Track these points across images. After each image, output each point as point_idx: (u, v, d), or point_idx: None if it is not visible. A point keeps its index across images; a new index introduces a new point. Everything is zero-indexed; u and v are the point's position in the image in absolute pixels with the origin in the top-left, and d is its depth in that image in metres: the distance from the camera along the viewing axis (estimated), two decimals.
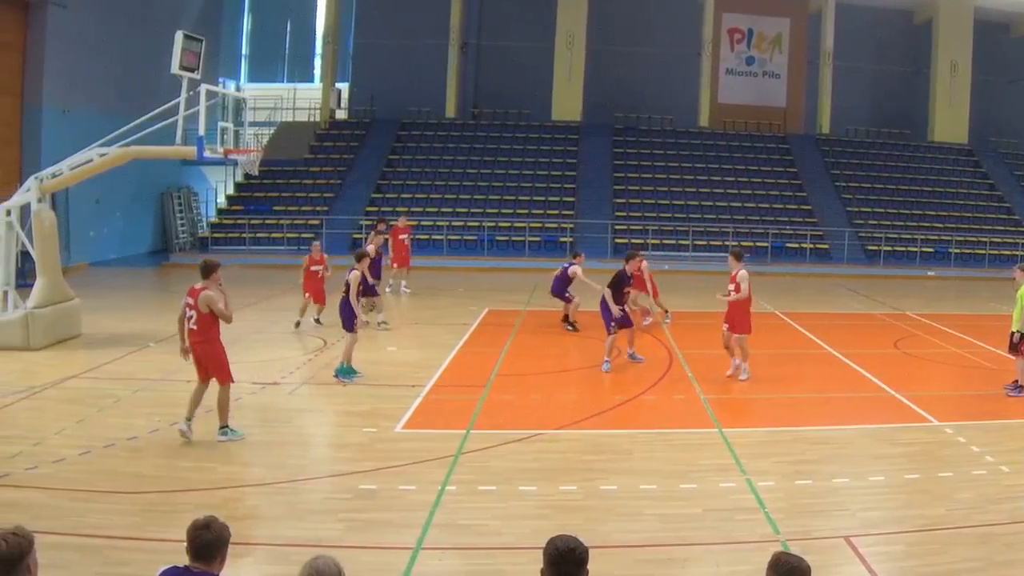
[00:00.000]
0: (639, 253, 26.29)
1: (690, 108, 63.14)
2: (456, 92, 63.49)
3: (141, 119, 27.19)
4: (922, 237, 53.86)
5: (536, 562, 7.10)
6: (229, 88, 57.63)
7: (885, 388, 22.90)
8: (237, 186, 58.44)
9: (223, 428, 17.50)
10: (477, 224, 52.70)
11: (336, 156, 60.06)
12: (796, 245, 53.87)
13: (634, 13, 65.15)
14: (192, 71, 27.31)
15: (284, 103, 68.08)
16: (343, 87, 66.70)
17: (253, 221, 53.15)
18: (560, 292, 31.08)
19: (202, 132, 26.41)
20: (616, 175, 58.97)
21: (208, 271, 17.65)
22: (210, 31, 48.57)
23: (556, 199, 56.26)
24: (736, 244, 50.75)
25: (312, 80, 71.69)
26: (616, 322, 24.14)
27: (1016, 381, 22.24)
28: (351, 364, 23.26)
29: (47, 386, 20.75)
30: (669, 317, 27.69)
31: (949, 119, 63.50)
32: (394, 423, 19.07)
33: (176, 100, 26.65)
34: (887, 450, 17.90)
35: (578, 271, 30.37)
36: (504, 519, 13.84)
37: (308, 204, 55.06)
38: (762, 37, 66.22)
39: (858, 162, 61.20)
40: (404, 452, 16.95)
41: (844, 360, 26.48)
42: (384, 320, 30.37)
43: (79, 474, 15.24)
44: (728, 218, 55.02)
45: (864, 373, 24.67)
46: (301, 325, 29.62)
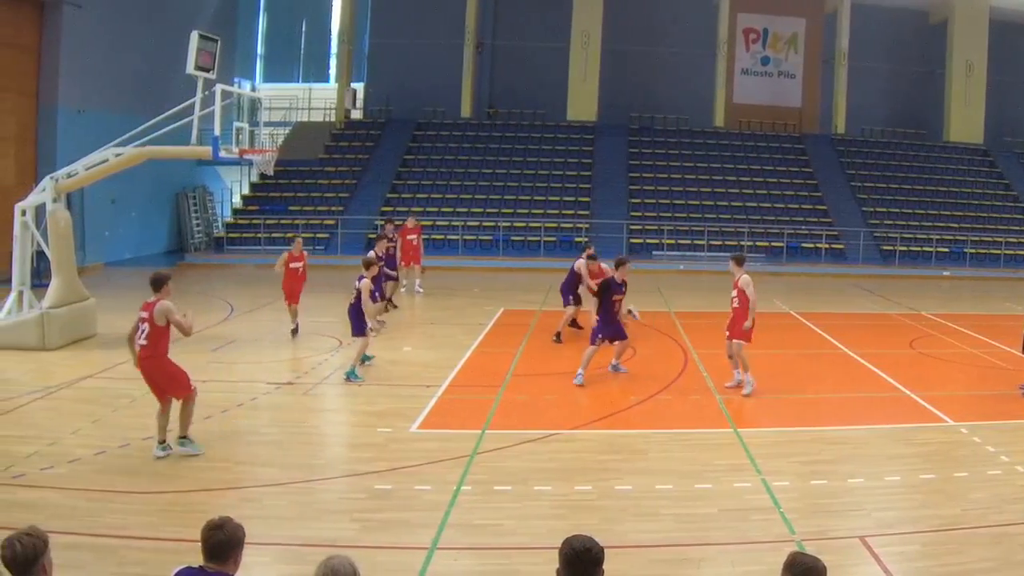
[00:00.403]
0: (629, 259, 24.60)
1: (705, 108, 63.06)
2: (471, 92, 63.46)
3: (156, 119, 27.21)
4: (937, 237, 53.67)
5: (551, 562, 7.11)
6: (244, 88, 57.83)
7: (900, 388, 22.87)
8: (252, 186, 58.45)
9: (182, 439, 16.59)
10: (492, 224, 52.64)
11: (351, 156, 60.01)
12: (811, 245, 53.73)
13: (649, 13, 65.03)
14: (207, 71, 27.31)
15: (299, 103, 68.07)
16: (358, 87, 66.69)
17: (268, 221, 53.09)
18: (565, 292, 29.48)
19: (217, 132, 26.41)
20: (631, 175, 58.88)
21: (159, 283, 17.03)
22: (225, 31, 48.68)
23: (571, 199, 56.20)
24: (739, 245, 50.89)
25: (327, 80, 71.78)
26: (603, 334, 23.16)
27: None
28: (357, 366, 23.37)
29: (62, 386, 20.78)
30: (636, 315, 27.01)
31: (964, 119, 63.34)
32: (409, 423, 19.08)
33: (191, 100, 26.68)
34: (902, 450, 17.88)
35: (582, 265, 28.68)
36: (519, 519, 13.85)
37: (323, 204, 55.04)
38: (777, 37, 66.04)
39: (873, 162, 61.02)
40: (419, 452, 16.96)
41: (859, 360, 26.42)
42: (380, 321, 30.03)
43: (94, 474, 15.26)
44: (743, 218, 54.91)
45: (879, 373, 24.63)
46: (299, 330, 28.66)
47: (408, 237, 37.53)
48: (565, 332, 28.59)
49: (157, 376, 16.58)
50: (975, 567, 12.27)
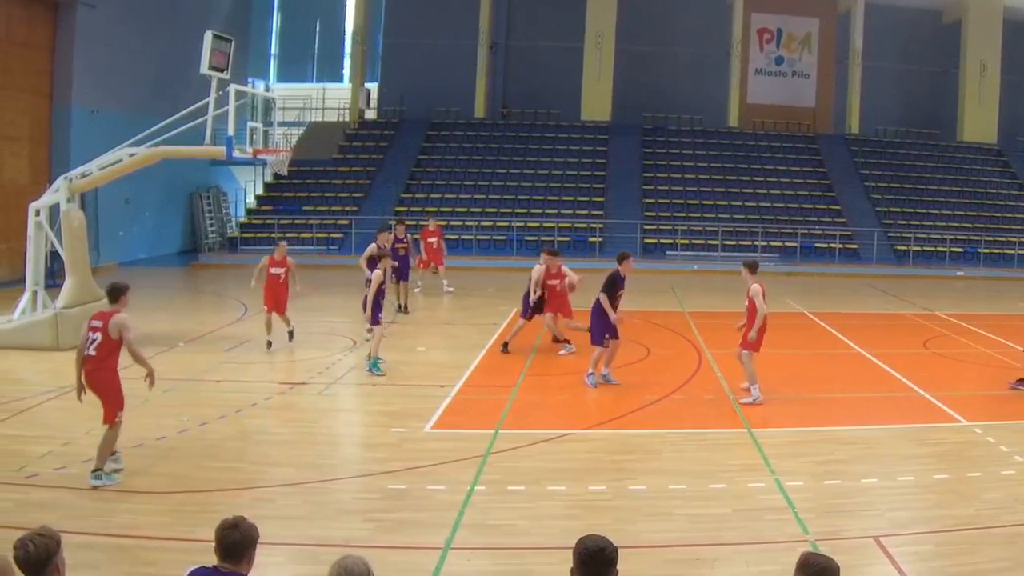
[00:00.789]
0: (631, 255, 23.61)
1: (719, 108, 62.97)
2: (485, 92, 63.44)
3: (170, 119, 27.21)
4: (951, 237, 53.49)
5: (565, 562, 7.10)
6: (258, 88, 57.83)
7: (914, 388, 22.82)
8: (266, 186, 58.46)
9: (96, 471, 14.90)
10: (506, 224, 52.56)
11: (365, 156, 60.02)
12: (825, 245, 53.61)
13: (663, 13, 65.01)
14: (221, 71, 27.31)
15: (313, 103, 68.12)
16: (372, 87, 66.68)
17: (282, 221, 53.05)
18: (525, 301, 27.62)
19: (231, 132, 26.43)
20: (645, 175, 58.80)
21: (117, 294, 15.76)
22: (239, 31, 48.74)
23: (585, 199, 56.11)
24: (765, 245, 50.75)
25: (341, 80, 71.78)
26: (608, 332, 22.59)
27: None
28: (378, 355, 23.53)
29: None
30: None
31: (978, 119, 63.13)
32: (423, 423, 19.09)
33: (205, 100, 26.72)
34: (916, 450, 17.86)
35: (538, 270, 27.31)
36: (533, 519, 13.85)
37: (337, 204, 55.01)
38: (791, 37, 65.96)
39: (887, 162, 60.85)
40: (433, 452, 16.97)
41: (873, 360, 26.36)
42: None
43: None
44: (757, 218, 54.80)
45: (893, 373, 24.58)
46: (273, 345, 26.35)
47: (428, 240, 37.55)
48: (581, 331, 28.19)
49: (102, 389, 15.42)
50: (989, 567, 12.26)
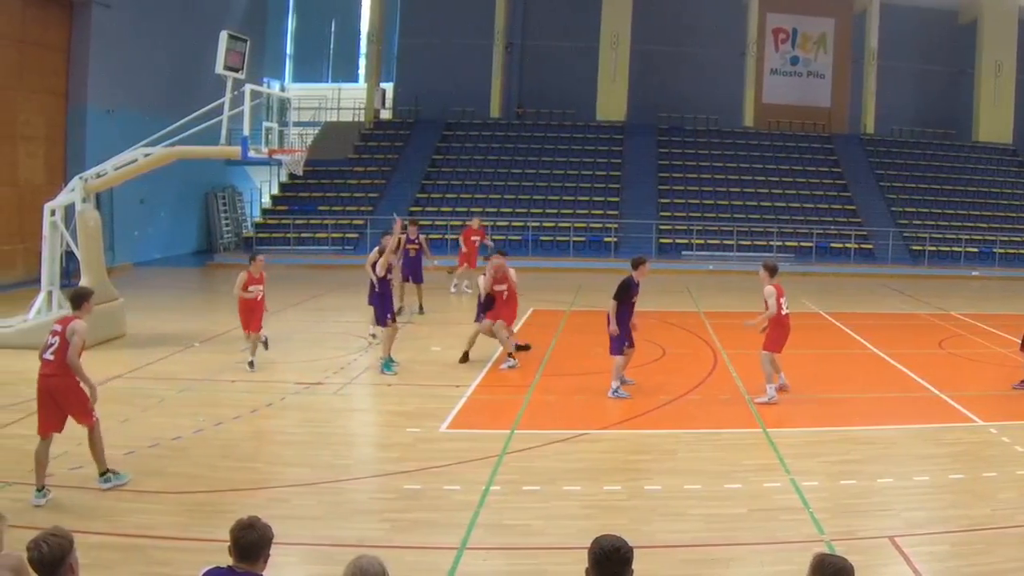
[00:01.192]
0: (647, 258, 22.78)
1: (735, 108, 62.89)
2: (500, 92, 63.42)
3: (186, 119, 27.20)
4: (966, 237, 53.36)
5: (580, 562, 7.08)
6: (274, 88, 58.05)
7: (930, 388, 22.75)
8: (282, 186, 58.51)
9: (104, 474, 14.68)
10: (522, 224, 52.52)
11: (380, 156, 60.07)
12: (840, 245, 53.53)
13: (678, 13, 64.97)
14: (237, 71, 27.31)
15: (328, 103, 68.24)
16: (387, 87, 66.76)
17: (297, 221, 53.18)
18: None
19: (247, 132, 26.44)
20: (661, 175, 58.75)
21: (79, 301, 15.19)
22: (255, 31, 48.77)
23: (600, 199, 56.07)
24: (780, 245, 50.67)
25: (356, 80, 71.88)
26: (628, 341, 21.96)
27: None
28: (391, 355, 23.60)
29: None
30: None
31: (994, 119, 63.00)
32: (439, 423, 19.07)
33: (221, 100, 26.67)
34: (931, 450, 17.80)
35: (481, 278, 26.25)
36: (548, 519, 13.82)
37: (353, 204, 55.06)
38: (807, 37, 65.88)
39: (902, 162, 60.78)
40: (448, 452, 16.95)
41: (889, 360, 26.29)
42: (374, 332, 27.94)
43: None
44: (772, 218, 54.73)
45: (908, 373, 24.52)
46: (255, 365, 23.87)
47: (472, 238, 37.59)
48: (596, 331, 27.84)
49: (61, 396, 14.53)
50: (1004, 567, 12.22)
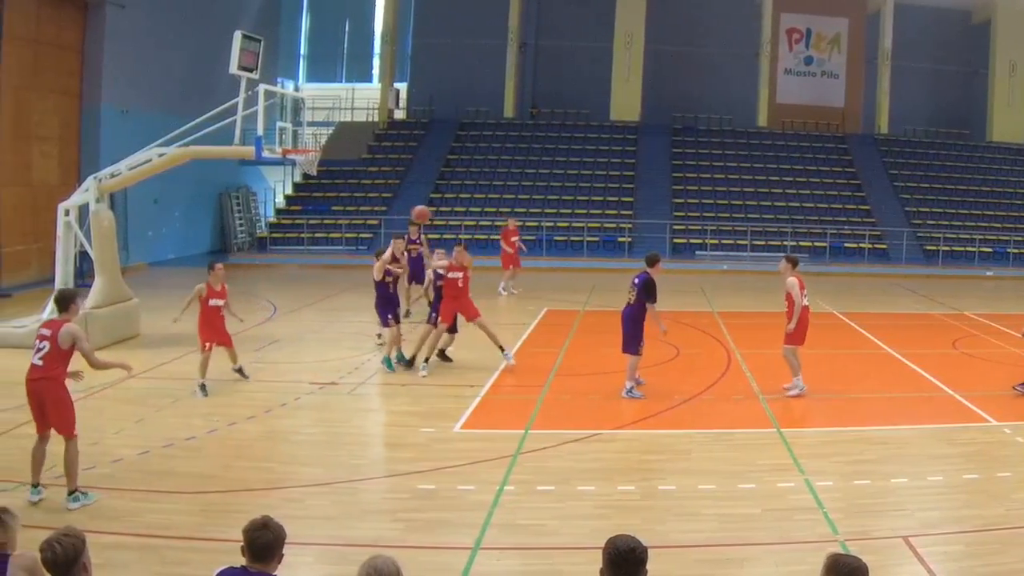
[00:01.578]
0: (660, 257, 22.69)
1: (748, 108, 62.86)
2: (514, 92, 63.41)
3: (200, 119, 27.24)
4: (980, 237, 53.28)
5: (594, 562, 7.06)
6: (288, 88, 58.07)
7: (943, 388, 22.72)
8: (295, 186, 58.66)
9: (72, 493, 13.94)
10: (536, 224, 52.37)
11: (395, 156, 60.16)
12: (854, 245, 53.49)
13: (692, 13, 65.01)
14: (251, 71, 27.33)
15: (342, 103, 68.26)
16: (401, 87, 66.75)
17: (311, 221, 53.27)
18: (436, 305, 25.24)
19: (260, 132, 26.48)
20: (675, 175, 58.76)
21: (65, 303, 14.70)
22: (269, 31, 48.84)
23: (614, 199, 56.08)
24: (794, 245, 50.62)
25: (370, 80, 71.79)
26: (642, 340, 21.81)
27: None
28: (391, 355, 23.79)
29: (105, 386, 20.76)
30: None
31: (1008, 119, 62.85)
32: (453, 423, 19.10)
33: (235, 100, 26.69)
34: (945, 450, 17.78)
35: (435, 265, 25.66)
36: (562, 519, 13.83)
37: (366, 204, 55.15)
38: (820, 37, 65.81)
39: (916, 162, 60.73)
40: (462, 452, 16.96)
41: (902, 360, 26.25)
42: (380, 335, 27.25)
43: (137, 474, 15.30)
44: (787, 218, 54.73)
45: (922, 373, 24.50)
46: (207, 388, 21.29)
47: (512, 239, 37.67)
48: (610, 330, 27.65)
49: (48, 402, 14.17)
50: (1019, 567, 12.22)
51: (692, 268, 47.64)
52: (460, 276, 24.42)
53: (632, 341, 21.60)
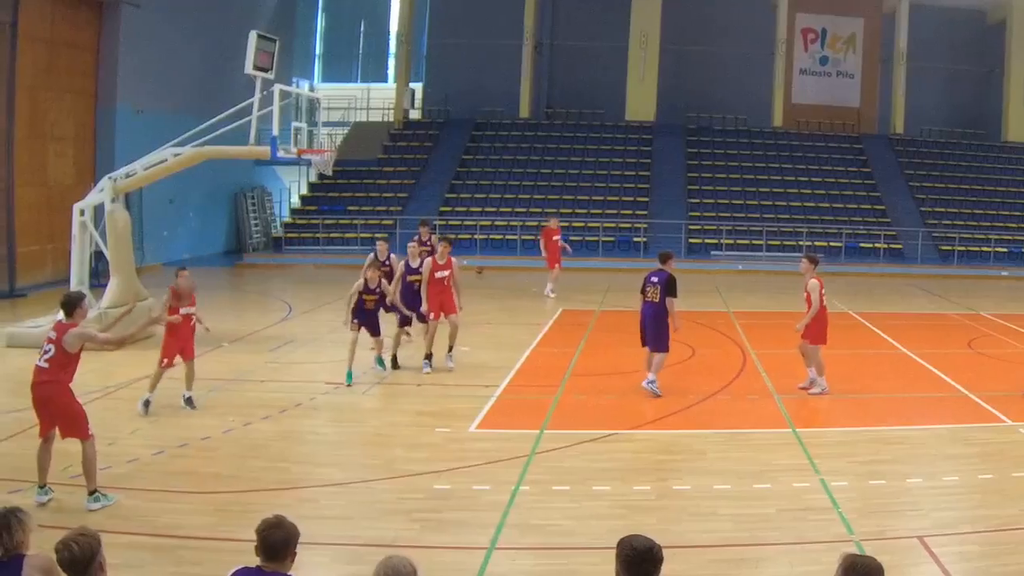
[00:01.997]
0: (673, 255, 22.86)
1: (763, 108, 62.74)
2: (530, 92, 63.34)
3: (215, 119, 27.24)
4: (996, 237, 53.09)
5: (610, 562, 7.04)
6: (303, 88, 58.10)
7: (959, 388, 22.65)
8: (311, 186, 58.63)
9: (93, 493, 13.88)
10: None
11: (410, 156, 60.12)
12: (869, 245, 53.36)
13: (708, 13, 64.86)
14: (266, 71, 27.37)
15: (358, 103, 68.18)
16: (417, 87, 66.68)
17: (327, 221, 53.28)
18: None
19: (276, 132, 26.50)
20: (690, 175, 58.66)
21: (71, 307, 14.44)
22: (284, 31, 48.79)
23: (630, 199, 56.01)
24: (810, 244, 50.52)
25: (386, 80, 71.73)
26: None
27: None
28: (382, 355, 23.68)
29: (121, 386, 20.84)
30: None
31: (1023, 119, 62.76)
32: (468, 423, 19.10)
33: (250, 100, 26.72)
34: (960, 450, 17.77)
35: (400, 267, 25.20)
36: (578, 519, 13.83)
37: (382, 204, 55.08)
38: (836, 37, 65.63)
39: (932, 162, 60.53)
40: (478, 452, 16.97)
41: (918, 360, 26.22)
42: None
43: (153, 474, 15.34)
44: (802, 218, 54.60)
45: (937, 373, 24.46)
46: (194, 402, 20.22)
47: (553, 239, 37.58)
48: (625, 330, 27.64)
49: (53, 406, 14.09)
50: None
51: (707, 268, 47.56)
52: (447, 275, 24.24)
53: (663, 339, 21.72)
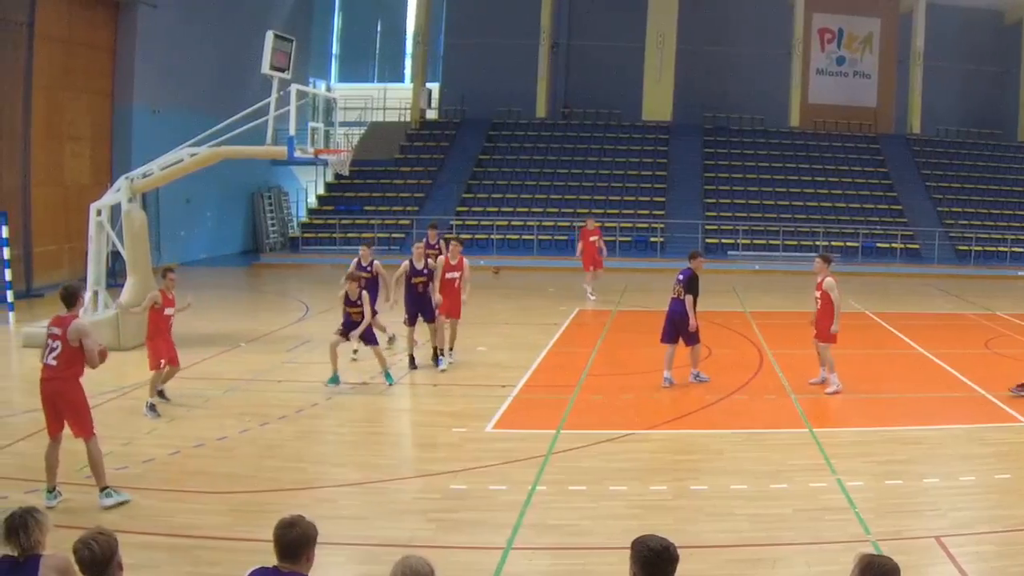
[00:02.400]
0: (701, 254, 23.21)
1: (780, 108, 62.61)
2: (546, 92, 63.30)
3: (231, 119, 27.25)
4: (1013, 237, 52.95)
5: (627, 562, 6.98)
6: (319, 88, 57.97)
7: (975, 388, 22.50)
8: (327, 186, 58.83)
9: (104, 490, 13.85)
10: (567, 224, 52.25)
11: (426, 156, 60.24)
12: (886, 245, 53.25)
13: (724, 13, 64.82)
14: (282, 71, 27.36)
15: (374, 103, 68.22)
16: (433, 87, 66.75)
17: (343, 221, 53.41)
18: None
19: (292, 132, 26.45)
20: (706, 175, 58.68)
21: (72, 299, 14.61)
22: (300, 31, 48.91)
23: (646, 199, 56.02)
24: (826, 245, 50.44)
25: (402, 80, 71.79)
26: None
27: None
28: (388, 369, 22.76)
29: (137, 386, 20.83)
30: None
31: None
32: (484, 423, 19.07)
33: (266, 100, 26.71)
34: (977, 450, 17.68)
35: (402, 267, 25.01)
36: (594, 519, 13.80)
37: (399, 204, 55.21)
38: (852, 37, 65.54)
39: (948, 162, 60.39)
40: (495, 452, 16.94)
41: (934, 360, 26.10)
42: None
43: (169, 474, 15.34)
44: (818, 218, 54.56)
45: (954, 373, 24.29)
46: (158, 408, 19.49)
47: (590, 239, 37.44)
48: (642, 330, 27.72)
49: (63, 404, 13.98)
50: None
51: (724, 268, 47.40)
52: (457, 276, 24.40)
53: (691, 334, 22.20)
